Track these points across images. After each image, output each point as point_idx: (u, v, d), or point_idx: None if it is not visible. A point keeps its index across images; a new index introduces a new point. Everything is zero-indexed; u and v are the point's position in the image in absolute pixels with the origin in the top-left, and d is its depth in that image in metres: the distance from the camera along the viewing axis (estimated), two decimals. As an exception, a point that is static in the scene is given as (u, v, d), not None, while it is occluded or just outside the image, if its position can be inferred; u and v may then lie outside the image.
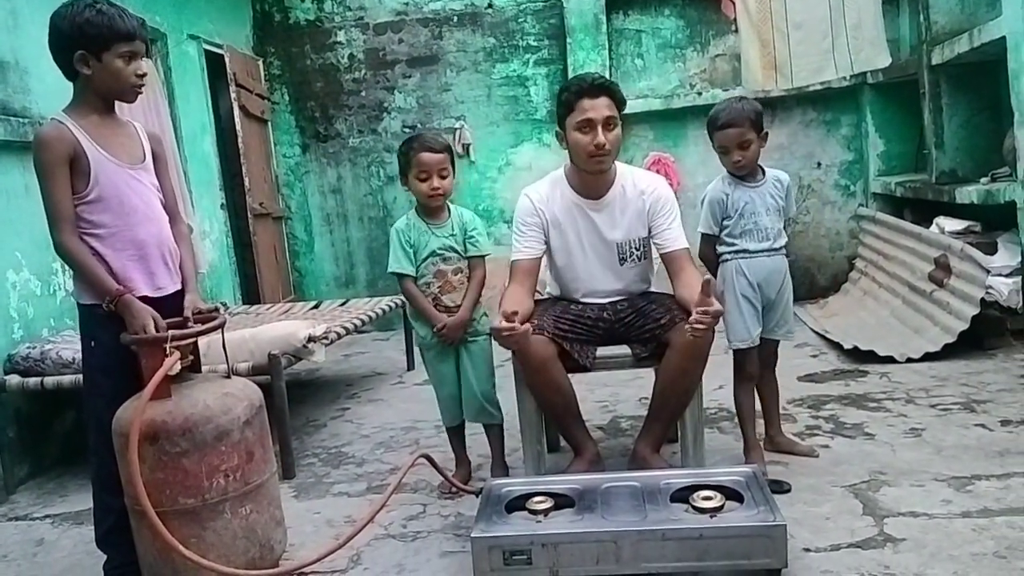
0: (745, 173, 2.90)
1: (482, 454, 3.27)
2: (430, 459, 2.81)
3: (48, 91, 3.83)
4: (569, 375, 2.85)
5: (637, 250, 2.94)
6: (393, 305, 5.12)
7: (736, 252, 2.91)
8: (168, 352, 2.23)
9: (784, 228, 2.97)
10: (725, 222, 2.93)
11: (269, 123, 6.67)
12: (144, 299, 2.34)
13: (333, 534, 2.75)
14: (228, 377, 2.43)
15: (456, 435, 3.15)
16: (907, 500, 2.63)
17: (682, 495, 2.37)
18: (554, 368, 2.79)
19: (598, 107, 2.74)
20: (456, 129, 6.54)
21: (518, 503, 2.43)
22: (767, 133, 2.91)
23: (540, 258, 2.95)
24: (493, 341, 2.94)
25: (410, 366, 5.31)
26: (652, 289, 3.10)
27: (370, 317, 4.66)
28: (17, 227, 3.72)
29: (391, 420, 4.16)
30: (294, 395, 4.34)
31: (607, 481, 2.53)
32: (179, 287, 2.50)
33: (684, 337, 2.62)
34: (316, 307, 5.28)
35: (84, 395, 2.50)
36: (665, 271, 2.95)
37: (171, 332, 2.25)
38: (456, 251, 2.98)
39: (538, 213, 2.93)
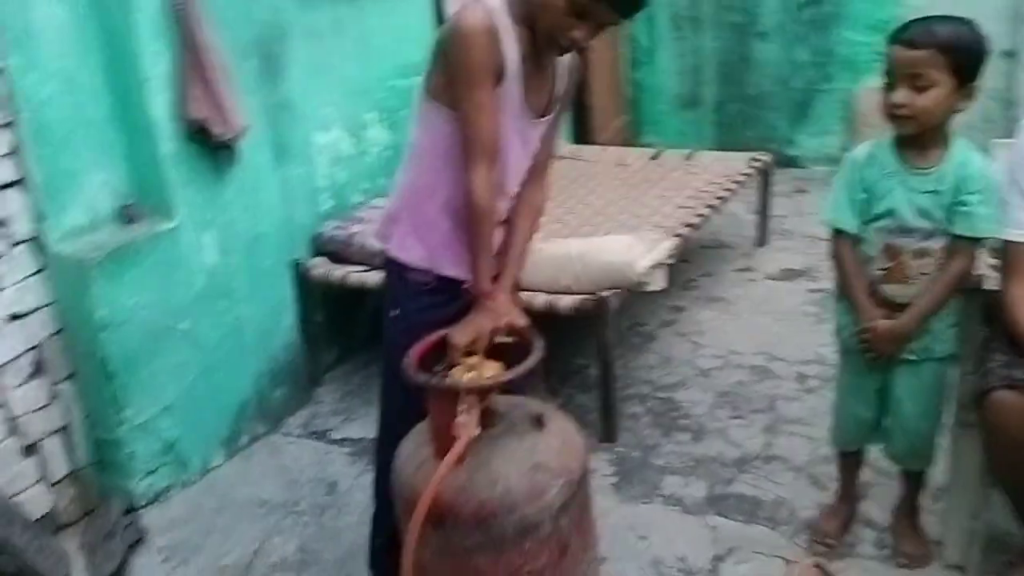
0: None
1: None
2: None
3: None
4: None
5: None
6: (753, 171, 4.06)
7: None
8: (463, 407, 1.55)
9: None
10: None
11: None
12: (452, 282, 1.77)
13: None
14: (539, 423, 1.71)
15: (849, 464, 2.24)
16: None
17: None
18: None
19: None
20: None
21: None
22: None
23: None
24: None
25: (762, 241, 4.32)
26: None
27: (722, 197, 3.68)
28: (326, 75, 3.17)
29: (736, 343, 3.32)
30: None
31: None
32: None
33: None
34: (655, 158, 4.37)
35: (383, 365, 1.96)
36: None
37: (465, 384, 1.55)
38: (935, 219, 1.89)
39: None
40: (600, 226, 3.41)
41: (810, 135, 5.61)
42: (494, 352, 1.71)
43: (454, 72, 1.63)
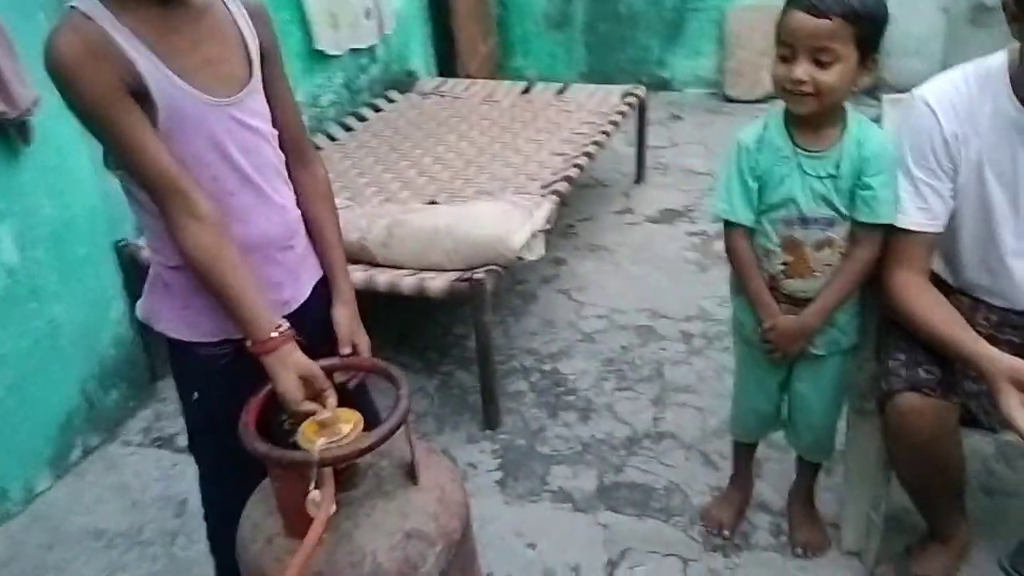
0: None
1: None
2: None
3: None
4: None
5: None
6: (628, 107, 3.83)
7: None
8: (315, 482, 1.29)
9: None
10: None
11: None
12: None
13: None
14: (412, 476, 1.46)
15: (746, 452, 2.12)
16: None
17: None
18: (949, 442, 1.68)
19: None
20: None
21: None
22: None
23: None
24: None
25: (639, 177, 4.15)
26: None
27: (597, 142, 3.44)
28: None
29: (620, 300, 3.15)
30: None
31: None
32: (313, 283, 1.53)
33: None
34: (526, 92, 4.08)
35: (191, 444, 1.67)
36: None
37: (317, 459, 1.27)
38: (835, 207, 1.69)
39: None
40: (471, 180, 3.13)
41: (683, 56, 5.43)
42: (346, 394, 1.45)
43: (80, 119, 1.24)
